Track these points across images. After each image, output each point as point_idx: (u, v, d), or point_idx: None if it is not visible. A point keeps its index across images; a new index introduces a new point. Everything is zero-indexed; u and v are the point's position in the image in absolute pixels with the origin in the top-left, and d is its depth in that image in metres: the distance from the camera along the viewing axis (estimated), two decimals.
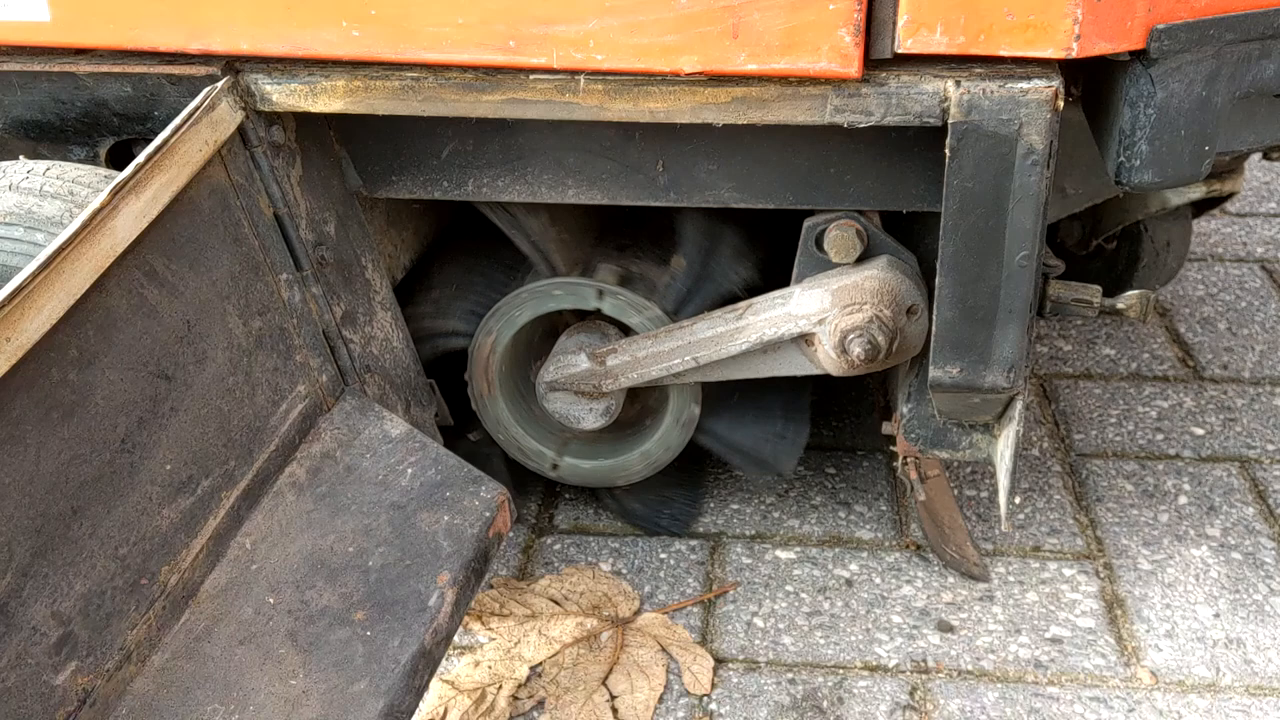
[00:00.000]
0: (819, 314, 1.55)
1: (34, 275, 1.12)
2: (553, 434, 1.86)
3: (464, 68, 1.37)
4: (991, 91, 1.27)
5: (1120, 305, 1.63)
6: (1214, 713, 1.56)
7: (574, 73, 1.34)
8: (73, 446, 1.17)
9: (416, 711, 1.31)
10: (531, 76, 1.35)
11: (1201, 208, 2.17)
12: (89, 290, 1.18)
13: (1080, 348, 2.36)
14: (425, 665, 1.29)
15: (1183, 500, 1.93)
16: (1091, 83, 1.43)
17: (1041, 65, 1.29)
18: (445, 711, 1.58)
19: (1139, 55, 1.29)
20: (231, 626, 1.29)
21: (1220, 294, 2.53)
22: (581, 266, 1.74)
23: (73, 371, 1.18)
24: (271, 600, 1.32)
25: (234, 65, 1.40)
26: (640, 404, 1.89)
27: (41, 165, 1.41)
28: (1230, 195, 2.02)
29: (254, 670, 1.25)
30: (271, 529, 1.37)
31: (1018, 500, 1.95)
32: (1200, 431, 2.10)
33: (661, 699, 1.60)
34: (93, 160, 1.51)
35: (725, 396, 1.80)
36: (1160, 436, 2.09)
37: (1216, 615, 1.71)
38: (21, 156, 1.48)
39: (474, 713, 1.58)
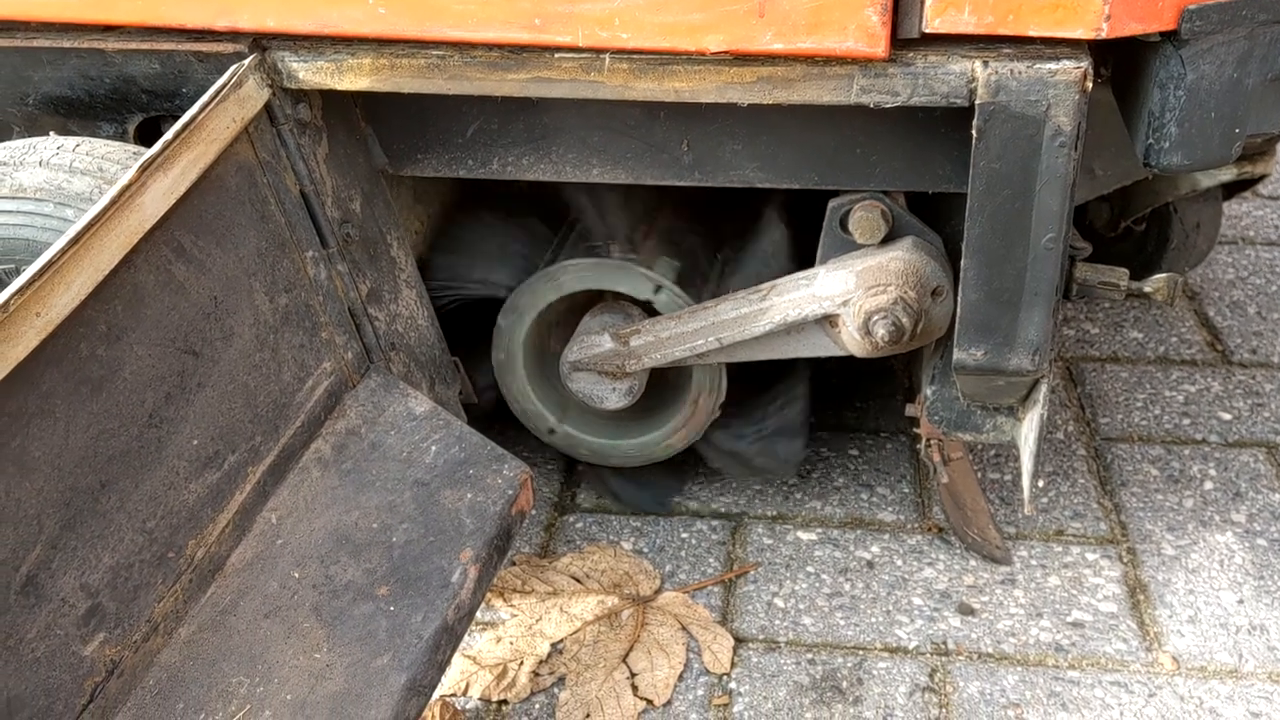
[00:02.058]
0: (843, 295, 1.54)
1: (63, 251, 1.13)
2: (555, 400, 1.87)
3: (489, 46, 1.37)
4: (1020, 72, 1.26)
5: (1147, 288, 1.62)
6: (1235, 699, 1.55)
7: (599, 51, 1.34)
8: (101, 421, 1.19)
9: (439, 686, 1.32)
10: (557, 55, 1.35)
11: (1232, 190, 2.15)
12: (117, 266, 1.19)
13: (1107, 331, 2.34)
14: (448, 640, 1.30)
15: (1208, 485, 1.92)
16: (1121, 64, 1.41)
17: (1071, 46, 1.28)
18: (467, 686, 1.60)
19: (1170, 36, 1.27)
20: (257, 600, 1.30)
21: (1250, 278, 2.51)
22: (641, 252, 1.74)
23: (101, 347, 1.19)
24: (296, 575, 1.33)
25: (261, 43, 1.41)
26: (659, 389, 1.89)
27: (71, 141, 1.42)
28: (1261, 178, 1.99)
29: (279, 643, 1.27)
30: (297, 504, 1.39)
31: (1041, 484, 1.94)
32: (1227, 416, 2.08)
33: (681, 677, 1.61)
34: (122, 137, 1.52)
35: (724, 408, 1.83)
36: (1187, 421, 2.07)
37: (1240, 601, 1.70)
38: (51, 133, 1.49)
39: (495, 687, 1.59)
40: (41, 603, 1.12)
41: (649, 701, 1.57)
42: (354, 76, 1.39)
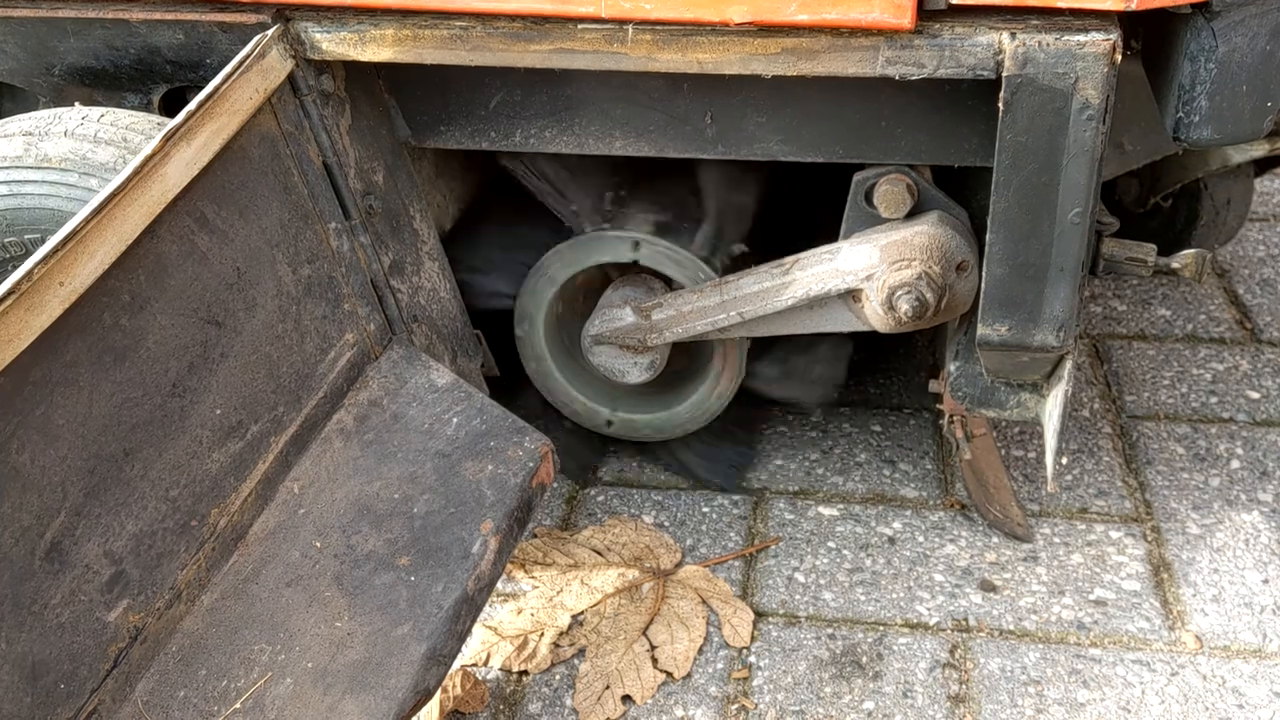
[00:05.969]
0: (867, 270, 1.53)
1: (87, 220, 1.13)
2: (597, 380, 1.87)
3: (512, 16, 1.36)
4: (1047, 44, 1.25)
5: (1175, 265, 1.60)
6: (1259, 678, 1.54)
7: (622, 22, 1.33)
8: (125, 390, 1.19)
9: (459, 656, 1.33)
10: (580, 26, 1.34)
11: (1263, 166, 2.12)
12: (141, 236, 1.20)
13: (1135, 308, 2.32)
14: (468, 611, 1.31)
15: (1235, 465, 1.90)
16: (1151, 36, 1.39)
17: (1100, 17, 1.26)
18: (488, 656, 1.61)
19: (1201, 8, 1.25)
20: (279, 569, 1.31)
21: None
22: (613, 219, 1.73)
23: (125, 316, 1.20)
24: (318, 544, 1.34)
25: (284, 13, 1.40)
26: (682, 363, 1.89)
27: (96, 112, 1.42)
28: None
29: (300, 611, 1.28)
30: (319, 474, 1.40)
31: (1065, 461, 1.93)
32: (1256, 395, 2.06)
33: (701, 650, 1.61)
34: (146, 107, 1.53)
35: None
36: (1214, 400, 2.05)
37: (1265, 581, 1.69)
38: (77, 103, 1.50)
39: (516, 658, 1.60)
40: (66, 569, 1.13)
41: (669, 674, 1.58)
42: (377, 47, 1.39)
